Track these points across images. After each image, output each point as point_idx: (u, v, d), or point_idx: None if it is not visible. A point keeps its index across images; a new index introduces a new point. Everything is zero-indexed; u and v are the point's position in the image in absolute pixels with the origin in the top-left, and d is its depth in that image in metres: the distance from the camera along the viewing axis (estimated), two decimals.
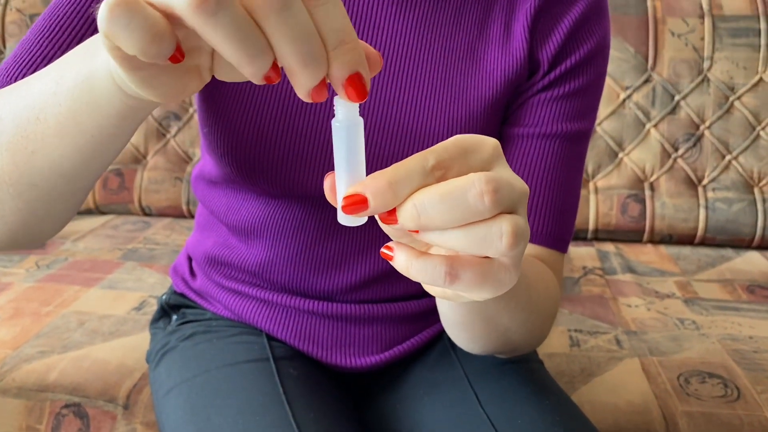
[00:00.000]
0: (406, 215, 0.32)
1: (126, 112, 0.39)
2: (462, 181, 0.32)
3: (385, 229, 0.35)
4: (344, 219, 0.34)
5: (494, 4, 0.63)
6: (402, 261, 0.34)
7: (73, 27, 0.56)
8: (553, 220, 0.63)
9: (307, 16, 0.30)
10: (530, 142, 0.63)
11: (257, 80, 0.31)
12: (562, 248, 0.65)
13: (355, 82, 0.32)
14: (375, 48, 0.61)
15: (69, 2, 0.56)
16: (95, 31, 0.56)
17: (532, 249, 0.63)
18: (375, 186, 0.32)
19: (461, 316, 0.50)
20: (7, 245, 0.51)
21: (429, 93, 0.61)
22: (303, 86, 0.31)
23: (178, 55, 0.30)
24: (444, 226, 0.32)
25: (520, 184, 0.34)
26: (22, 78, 0.55)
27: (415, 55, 0.61)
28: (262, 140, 0.60)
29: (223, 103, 0.61)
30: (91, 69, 0.38)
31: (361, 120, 0.34)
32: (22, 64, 0.55)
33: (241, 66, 0.30)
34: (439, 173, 0.32)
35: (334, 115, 0.35)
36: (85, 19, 0.56)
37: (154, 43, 0.29)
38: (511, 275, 0.35)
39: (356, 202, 0.32)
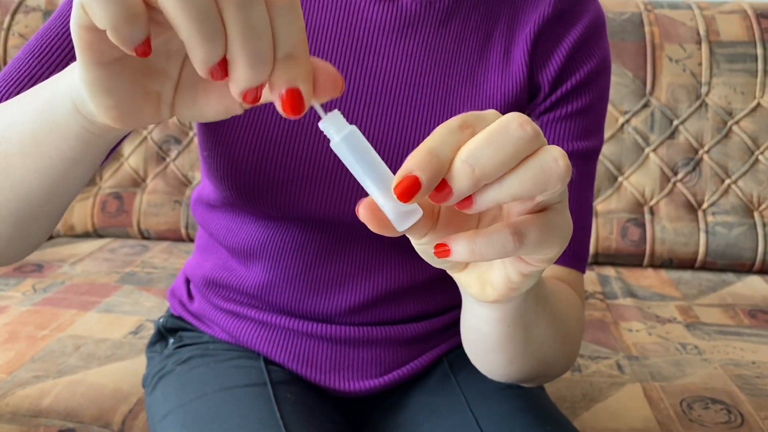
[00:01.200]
0: (460, 174, 0.31)
1: (84, 137, 0.39)
2: (498, 123, 0.32)
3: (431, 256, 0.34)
4: (402, 222, 0.33)
5: (494, 30, 0.64)
6: (463, 246, 0.33)
7: (63, 48, 0.56)
8: (572, 239, 0.62)
9: (267, 18, 0.31)
10: None
11: (204, 69, 0.31)
12: (581, 267, 0.64)
13: (291, 96, 0.32)
14: (376, 73, 0.61)
15: (61, 23, 0.57)
16: None
17: (551, 270, 0.63)
18: (418, 160, 0.31)
19: (505, 328, 0.48)
20: None
21: (429, 117, 0.62)
22: (238, 83, 0.31)
23: (146, 48, 0.30)
24: (498, 171, 0.31)
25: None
26: (10, 96, 0.55)
27: (415, 80, 0.62)
28: (261, 163, 0.60)
29: (222, 126, 0.61)
30: (54, 91, 0.39)
31: (353, 128, 0.33)
32: (9, 82, 0.56)
33: (193, 47, 0.30)
34: (468, 130, 0.32)
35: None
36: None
37: (128, 22, 0.29)
38: (567, 220, 0.35)
39: (409, 184, 0.31)
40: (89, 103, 0.35)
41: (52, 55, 0.56)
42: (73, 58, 0.56)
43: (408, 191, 0.31)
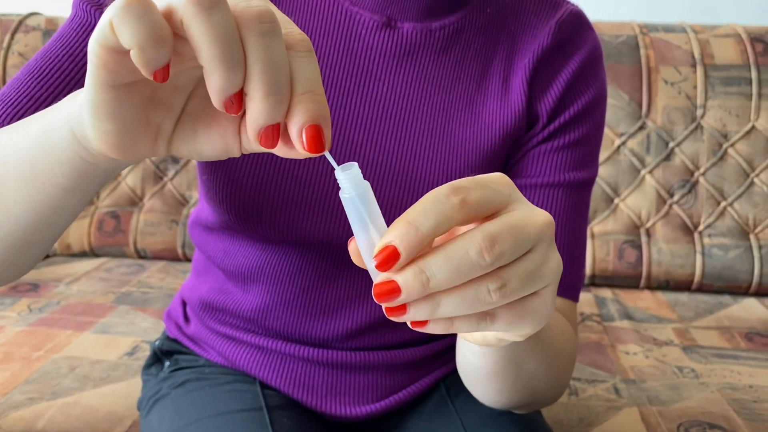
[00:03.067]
0: (413, 280, 0.31)
1: (78, 165, 0.39)
2: (462, 242, 0.31)
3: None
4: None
5: (493, 59, 0.64)
6: (442, 322, 0.34)
7: (63, 70, 0.56)
8: (565, 269, 0.63)
9: (286, 54, 0.31)
10: (534, 192, 0.63)
11: (220, 98, 0.31)
12: (574, 297, 0.65)
13: (313, 132, 0.31)
14: (376, 100, 0.62)
15: (62, 46, 0.57)
16: (84, 74, 0.56)
17: None
18: (398, 231, 0.31)
19: (494, 363, 0.49)
20: None
21: (429, 145, 0.62)
22: (257, 118, 0.31)
23: (165, 73, 0.30)
24: (451, 285, 0.32)
25: (536, 221, 0.33)
26: (7, 117, 0.55)
27: (415, 108, 0.62)
28: (260, 186, 0.60)
29: None
30: (54, 118, 0.39)
31: (367, 184, 0.33)
32: (8, 104, 0.56)
33: (213, 72, 0.30)
34: (457, 198, 0.32)
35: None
36: (75, 63, 0.56)
37: (155, 45, 0.29)
38: (547, 305, 0.35)
39: (387, 256, 0.31)
40: (88, 128, 0.35)
41: (52, 77, 0.56)
42: (73, 81, 0.56)
43: (386, 262, 0.31)
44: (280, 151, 0.34)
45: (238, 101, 0.31)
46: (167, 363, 0.76)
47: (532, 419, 0.67)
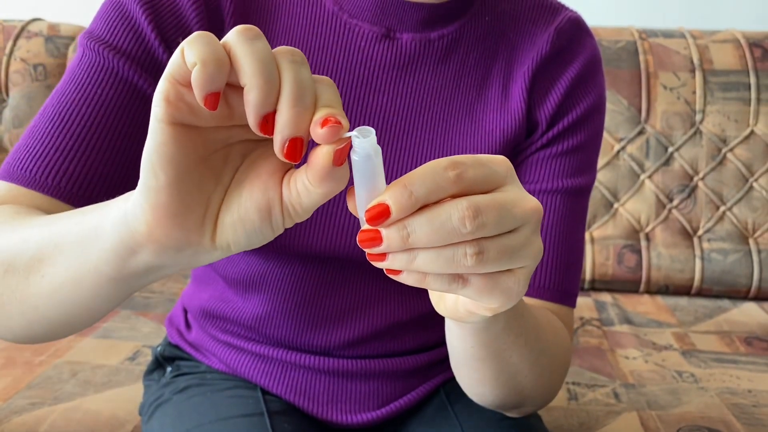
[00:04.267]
0: (395, 235, 0.34)
1: (123, 253, 0.39)
2: (447, 206, 0.34)
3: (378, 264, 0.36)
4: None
5: (492, 67, 0.65)
6: (415, 274, 0.36)
7: (83, 116, 0.55)
8: (560, 274, 0.63)
9: (312, 80, 0.34)
10: None
11: (256, 115, 0.33)
12: (571, 303, 0.65)
13: (331, 121, 0.33)
14: (376, 111, 0.62)
15: (76, 89, 0.56)
16: (105, 119, 0.56)
17: (540, 305, 0.63)
18: (393, 191, 0.33)
19: (472, 348, 0.50)
20: (12, 341, 0.51)
21: (429, 154, 0.62)
22: (283, 129, 0.33)
23: (214, 99, 0.33)
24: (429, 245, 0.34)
25: (524, 205, 0.35)
26: (36, 168, 0.54)
27: (415, 118, 0.63)
28: None
29: None
30: (103, 216, 0.40)
31: (379, 148, 0.35)
32: (36, 156, 0.55)
33: (253, 88, 0.32)
34: (454, 171, 0.34)
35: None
36: (93, 107, 0.56)
37: (215, 62, 0.32)
38: (520, 286, 0.37)
39: (379, 212, 0.33)
40: (141, 192, 0.35)
41: (74, 125, 0.55)
42: (95, 126, 0.55)
43: (377, 218, 0.34)
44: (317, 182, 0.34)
45: (271, 122, 0.33)
46: (169, 369, 0.76)
47: (532, 424, 0.67)
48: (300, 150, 0.33)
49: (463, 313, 0.41)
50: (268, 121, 0.33)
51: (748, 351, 1.15)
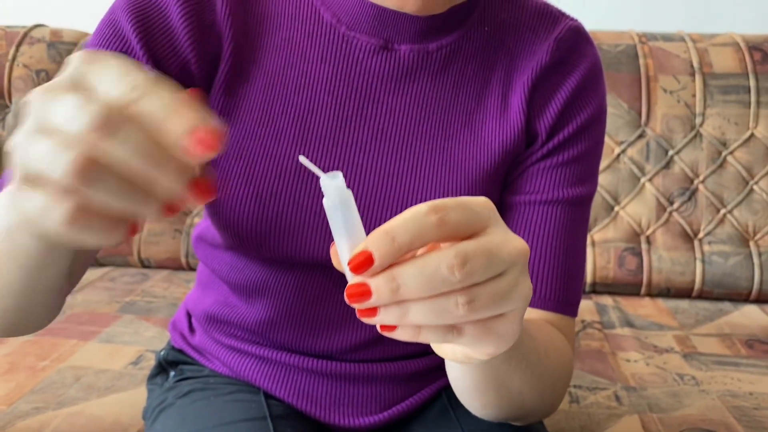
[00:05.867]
0: (384, 286, 0.33)
1: (46, 252, 0.42)
2: (433, 258, 0.33)
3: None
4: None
5: (492, 77, 0.64)
6: (409, 329, 0.35)
7: None
8: (561, 284, 0.63)
9: (138, 134, 0.30)
10: (532, 208, 0.64)
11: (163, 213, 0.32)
12: (572, 312, 0.65)
13: (203, 133, 0.30)
14: (375, 122, 0.62)
15: None
16: None
17: (541, 314, 0.63)
18: (375, 238, 0.33)
19: (473, 381, 0.51)
20: None
21: (428, 164, 0.62)
22: (174, 193, 0.31)
23: (132, 232, 0.33)
24: (420, 297, 0.33)
25: (510, 247, 0.35)
26: None
27: (414, 128, 0.63)
28: (263, 213, 0.61)
29: (223, 178, 0.62)
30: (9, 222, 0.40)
31: (350, 192, 0.35)
32: None
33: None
34: (437, 216, 0.33)
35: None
36: None
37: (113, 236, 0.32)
38: (514, 328, 0.37)
39: (362, 260, 0.33)
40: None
41: None
42: None
43: (360, 266, 0.33)
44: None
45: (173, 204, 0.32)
46: (172, 373, 0.76)
47: (533, 428, 0.67)
48: (176, 207, 0.33)
49: (462, 358, 0.41)
50: (170, 208, 0.32)
51: (749, 354, 1.15)
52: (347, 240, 0.35)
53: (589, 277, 1.41)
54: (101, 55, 0.32)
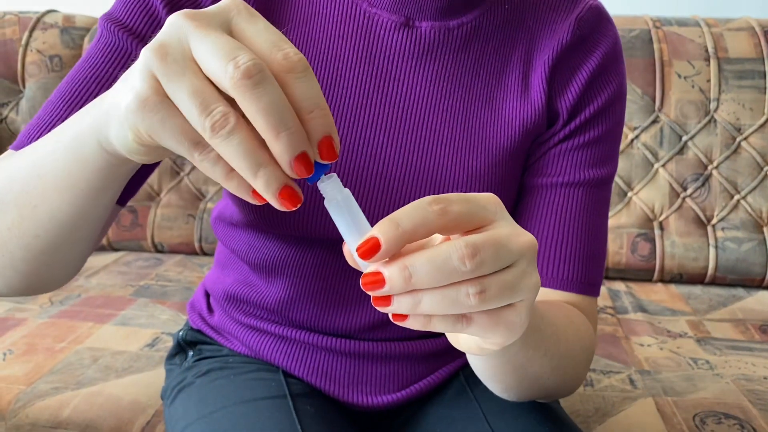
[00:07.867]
0: (397, 275, 0.34)
1: (109, 169, 0.44)
2: (445, 248, 0.34)
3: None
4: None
5: (512, 55, 0.65)
6: (421, 318, 0.37)
7: (92, 93, 0.58)
8: (583, 266, 0.64)
9: (279, 91, 0.34)
10: (555, 191, 0.64)
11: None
12: (594, 293, 0.65)
13: (327, 142, 0.35)
14: (396, 100, 0.62)
15: (90, 68, 0.58)
16: None
17: (564, 296, 0.64)
18: (382, 226, 0.34)
19: (492, 368, 0.51)
20: (23, 291, 0.54)
21: (449, 142, 0.63)
22: (281, 155, 0.34)
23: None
24: (432, 285, 0.35)
25: (518, 239, 0.36)
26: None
27: (435, 106, 0.63)
28: None
29: None
30: (80, 130, 0.43)
31: (347, 191, 0.37)
32: (42, 126, 0.57)
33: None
34: (439, 206, 0.35)
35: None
36: (104, 84, 0.58)
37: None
38: (522, 318, 0.38)
39: (370, 246, 0.34)
40: (116, 146, 0.40)
41: (82, 102, 0.57)
42: None
43: (368, 252, 0.34)
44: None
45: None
46: (191, 353, 0.77)
47: (552, 407, 0.67)
48: (307, 164, 0.35)
49: (476, 350, 0.42)
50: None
51: (763, 339, 1.15)
52: (354, 234, 0.36)
53: None
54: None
